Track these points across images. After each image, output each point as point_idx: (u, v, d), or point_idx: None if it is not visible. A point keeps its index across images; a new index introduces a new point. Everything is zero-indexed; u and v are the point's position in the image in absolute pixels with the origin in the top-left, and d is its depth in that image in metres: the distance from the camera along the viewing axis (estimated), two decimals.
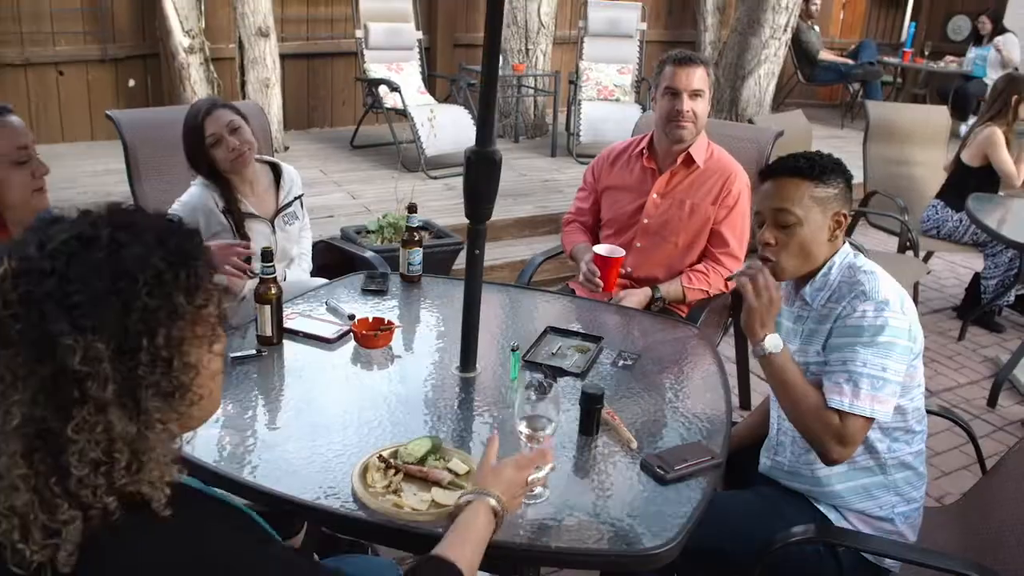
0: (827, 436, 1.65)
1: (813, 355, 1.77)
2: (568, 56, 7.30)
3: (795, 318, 1.88)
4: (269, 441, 1.65)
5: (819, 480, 1.81)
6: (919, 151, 4.87)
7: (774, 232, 1.77)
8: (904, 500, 1.82)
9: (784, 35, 6.87)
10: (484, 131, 1.78)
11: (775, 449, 1.90)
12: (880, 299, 1.67)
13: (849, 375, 1.64)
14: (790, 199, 1.75)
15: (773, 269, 1.76)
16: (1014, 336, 4.38)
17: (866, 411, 1.63)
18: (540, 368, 1.98)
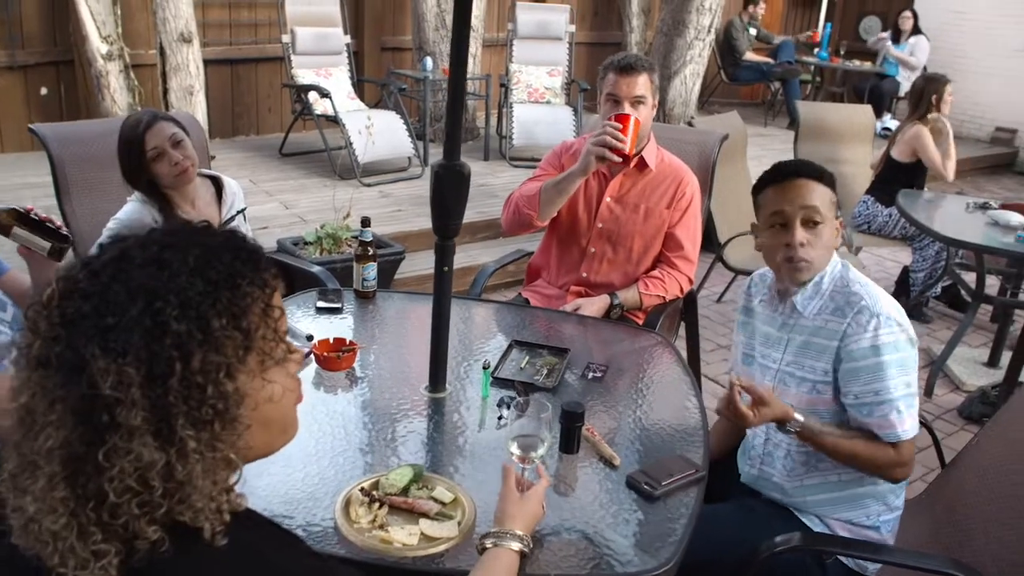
0: (890, 468, 1.72)
1: (820, 373, 1.77)
2: (498, 59, 7.28)
3: (780, 325, 1.87)
4: None
5: (809, 490, 1.82)
6: (847, 149, 5.01)
7: (804, 233, 1.75)
8: (889, 509, 1.85)
9: (708, 36, 6.98)
10: (451, 144, 1.74)
11: (761, 459, 1.90)
12: (885, 314, 1.70)
13: (890, 405, 1.68)
14: (818, 198, 1.76)
15: (806, 268, 1.76)
16: (942, 327, 4.53)
17: (912, 432, 1.72)
18: (511, 385, 1.94)
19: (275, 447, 0.95)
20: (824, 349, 1.76)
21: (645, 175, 2.65)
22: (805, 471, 1.82)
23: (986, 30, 8.81)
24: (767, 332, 1.90)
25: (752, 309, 1.97)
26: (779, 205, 1.77)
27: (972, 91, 8.60)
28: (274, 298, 0.90)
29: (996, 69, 8.73)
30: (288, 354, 0.92)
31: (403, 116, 5.84)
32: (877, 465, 1.73)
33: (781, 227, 1.77)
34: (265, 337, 0.89)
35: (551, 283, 2.77)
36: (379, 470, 1.57)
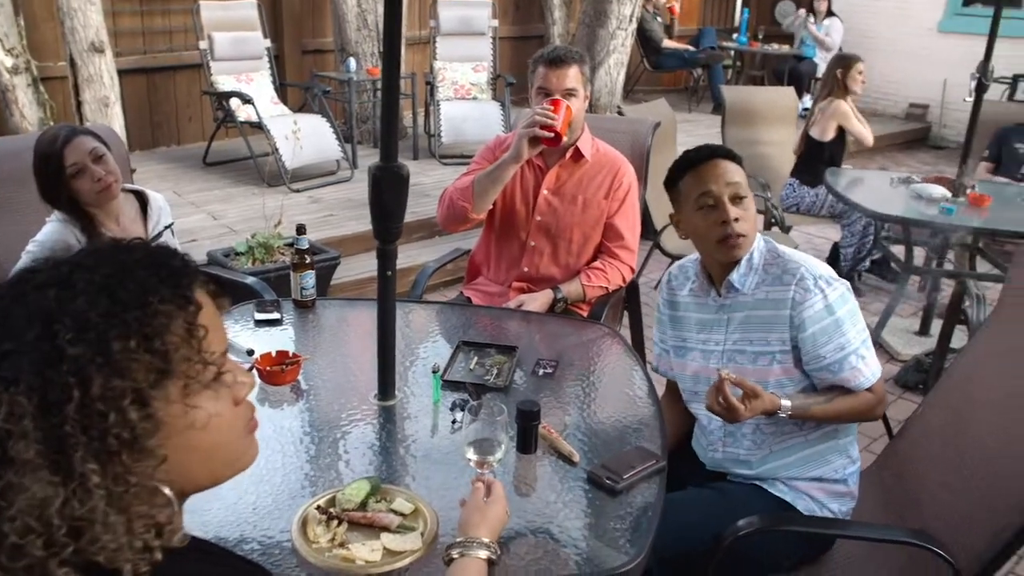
0: (871, 410, 1.83)
1: (778, 343, 1.79)
2: (422, 56, 7.21)
3: (716, 308, 1.89)
4: (187, 504, 1.50)
5: (778, 456, 1.85)
6: (772, 131, 5.10)
7: (735, 210, 1.79)
8: (852, 460, 1.91)
9: (630, 25, 7.02)
10: (388, 146, 1.70)
11: (723, 441, 1.90)
12: (824, 275, 1.78)
13: (855, 355, 1.76)
14: (738, 176, 1.83)
15: (743, 243, 1.80)
16: (874, 299, 4.64)
17: (878, 371, 1.82)
18: (463, 387, 1.91)
19: (223, 476, 0.88)
20: (774, 320, 1.79)
21: (581, 166, 2.63)
22: (774, 440, 1.85)
23: (897, 10, 9.07)
24: (702, 319, 1.92)
25: (677, 302, 1.99)
26: (706, 186, 1.80)
27: (886, 70, 8.85)
28: (199, 317, 0.81)
29: (908, 48, 9.00)
30: (220, 375, 0.83)
31: (329, 119, 5.75)
32: (862, 413, 1.83)
33: (711, 208, 1.80)
34: (189, 359, 0.80)
35: (492, 280, 2.74)
36: (334, 485, 1.52)
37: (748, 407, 1.67)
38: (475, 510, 1.31)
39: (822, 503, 1.85)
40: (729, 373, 1.68)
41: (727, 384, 1.66)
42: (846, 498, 1.88)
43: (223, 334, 0.86)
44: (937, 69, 8.62)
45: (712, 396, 1.68)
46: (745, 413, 1.66)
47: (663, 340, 2.03)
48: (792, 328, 1.77)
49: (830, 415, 1.79)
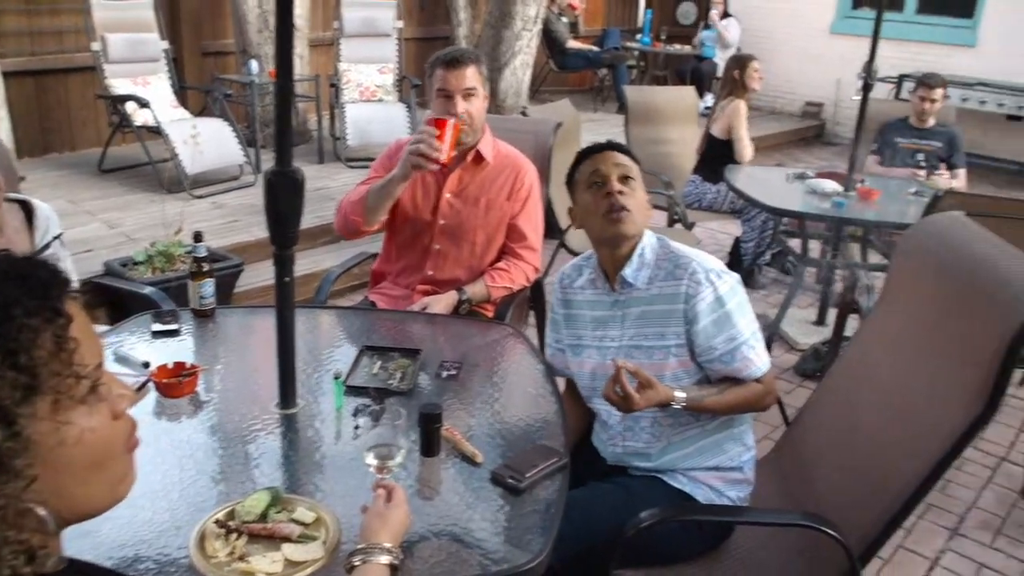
0: (762, 400, 1.89)
1: (673, 337, 1.85)
2: (326, 58, 7.11)
3: (611, 304, 1.94)
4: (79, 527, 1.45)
5: (677, 447, 1.90)
6: (674, 130, 5.22)
7: (621, 185, 1.88)
8: (747, 448, 1.97)
9: (535, 26, 7.09)
10: (283, 150, 1.68)
11: (623, 435, 1.94)
12: (715, 269, 1.85)
13: (746, 345, 1.83)
14: (630, 164, 1.92)
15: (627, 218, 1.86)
16: (774, 292, 4.80)
17: (767, 361, 1.89)
18: (365, 392, 1.90)
19: (103, 499, 0.83)
20: (669, 314, 1.84)
21: (483, 168, 2.65)
22: (672, 431, 1.90)
23: (791, 13, 9.40)
24: (597, 315, 1.97)
25: (571, 301, 2.04)
26: (595, 167, 1.91)
27: (782, 70, 9.15)
28: (70, 329, 0.78)
29: (802, 49, 9.34)
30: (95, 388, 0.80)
31: (231, 123, 5.62)
32: (752, 403, 1.89)
33: (599, 185, 1.89)
34: (59, 374, 0.77)
35: (397, 284, 2.73)
36: (233, 497, 1.49)
37: (643, 397, 1.72)
38: (376, 516, 1.30)
39: (720, 491, 1.91)
40: (626, 362, 1.73)
41: (624, 374, 1.70)
42: (743, 485, 1.95)
43: (98, 346, 0.83)
44: (830, 69, 8.97)
45: (609, 386, 1.73)
46: (640, 402, 1.71)
47: (558, 340, 2.07)
48: (686, 322, 1.83)
49: (723, 406, 1.85)
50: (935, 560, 2.78)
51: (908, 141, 4.83)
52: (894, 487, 1.75)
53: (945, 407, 1.72)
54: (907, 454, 1.77)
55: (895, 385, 1.95)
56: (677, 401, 1.78)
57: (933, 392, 1.80)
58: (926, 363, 1.87)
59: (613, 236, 1.88)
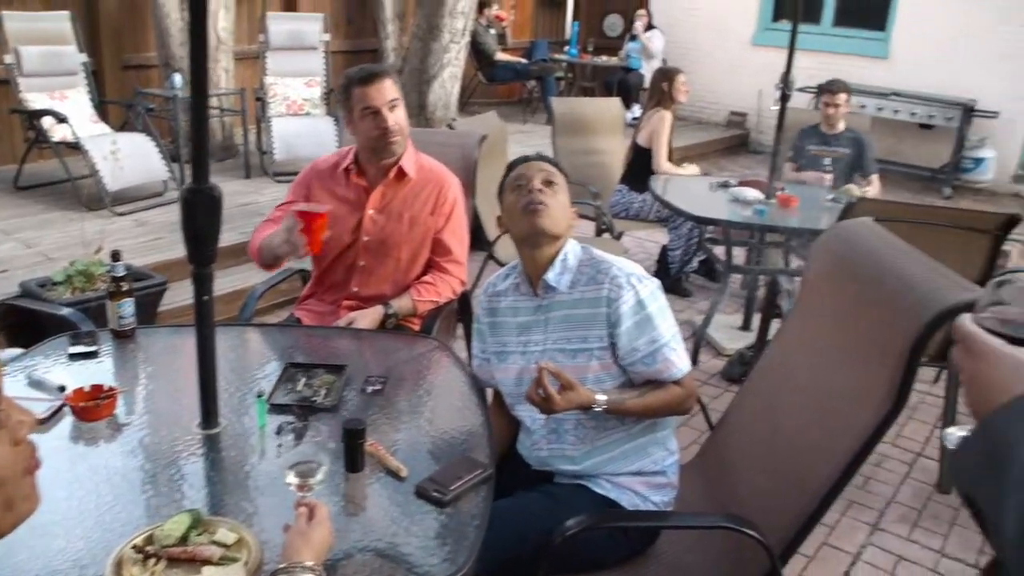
0: (682, 403, 1.94)
1: (596, 340, 1.89)
2: (252, 72, 7.02)
3: (534, 309, 1.99)
4: None
5: (601, 451, 1.93)
6: (601, 140, 5.29)
7: (540, 185, 1.95)
8: (670, 452, 2.01)
9: (463, 39, 7.11)
10: (199, 166, 1.66)
11: (547, 439, 1.97)
12: (636, 274, 1.91)
13: (667, 347, 1.87)
14: (553, 172, 2.00)
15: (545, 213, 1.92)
16: (701, 298, 4.90)
17: (688, 364, 1.94)
18: (289, 409, 1.88)
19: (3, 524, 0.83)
20: (593, 317, 1.89)
21: (406, 183, 2.65)
22: (596, 434, 1.93)
23: (715, 25, 9.63)
24: (521, 321, 2.01)
25: (497, 309, 2.08)
26: (520, 172, 1.99)
27: (707, 80, 9.36)
28: None
29: (726, 60, 9.58)
30: None
31: (154, 138, 5.51)
32: (672, 406, 1.93)
33: (521, 187, 1.97)
34: None
35: (323, 300, 2.71)
36: (154, 522, 1.47)
37: (564, 398, 1.76)
38: (298, 535, 1.30)
39: (645, 496, 1.95)
40: (549, 364, 1.78)
41: (546, 375, 1.74)
42: (667, 489, 1.99)
43: None
44: (753, 79, 9.20)
45: (532, 387, 1.77)
46: (561, 403, 1.76)
47: (484, 350, 2.10)
48: (608, 325, 1.87)
49: (644, 408, 1.89)
50: (857, 555, 2.87)
51: (818, 147, 5.00)
52: (811, 487, 1.80)
53: (857, 406, 1.78)
54: (823, 453, 1.83)
55: (811, 386, 2.01)
56: (598, 403, 1.82)
57: (846, 392, 1.86)
58: (839, 364, 1.93)
59: (531, 228, 1.93)
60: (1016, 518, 0.79)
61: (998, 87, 7.97)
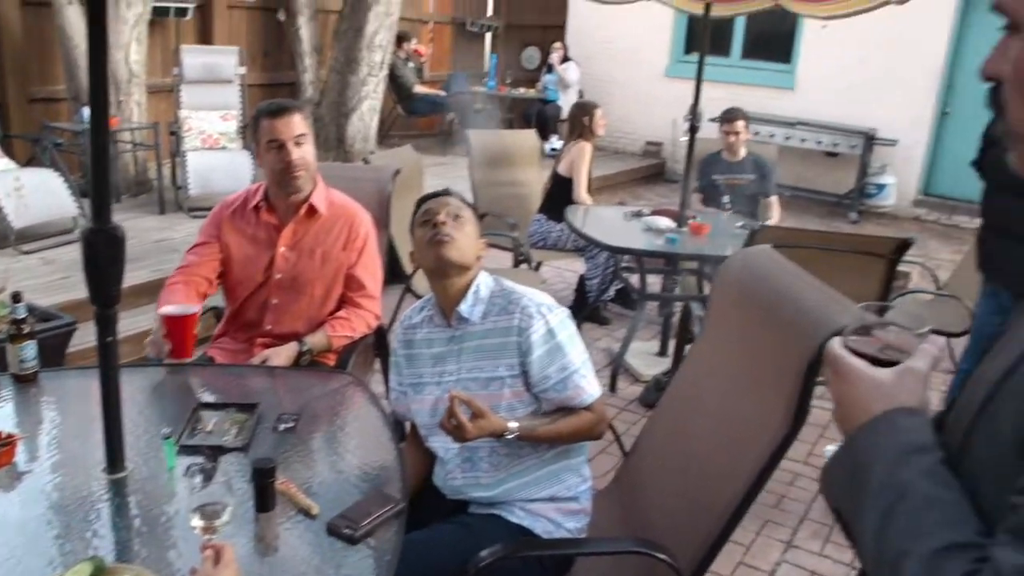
0: (593, 429, 1.99)
1: (507, 369, 1.93)
2: (166, 105, 6.92)
3: (448, 340, 2.03)
4: None
5: (515, 477, 1.96)
6: (517, 172, 5.37)
7: (447, 218, 1.98)
8: (583, 479, 2.06)
9: (381, 71, 7.15)
10: (100, 205, 1.65)
11: (462, 468, 1.99)
12: (545, 303, 1.96)
13: (577, 374, 1.92)
14: (460, 206, 2.03)
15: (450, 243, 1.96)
16: (619, 326, 4.99)
17: (598, 390, 1.99)
18: (199, 450, 1.86)
19: None
20: (504, 346, 1.93)
21: (316, 220, 2.66)
22: (510, 461, 1.96)
23: (630, 57, 9.88)
24: (436, 352, 2.04)
25: (413, 341, 2.11)
26: (428, 207, 2.03)
27: (623, 111, 9.60)
28: None
29: (641, 91, 9.83)
30: None
31: (62, 173, 5.37)
32: (584, 431, 1.98)
33: (427, 222, 2.01)
34: None
35: (236, 339, 2.69)
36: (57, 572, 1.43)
37: (476, 426, 1.79)
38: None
39: (558, 523, 1.98)
40: (460, 392, 1.81)
41: (457, 404, 1.78)
42: (580, 515, 2.02)
43: None
44: (667, 110, 9.46)
45: (445, 416, 1.79)
46: (472, 431, 1.79)
47: (400, 382, 2.12)
48: (520, 353, 1.91)
49: (556, 434, 1.93)
50: (771, 572, 2.95)
51: (724, 177, 5.17)
52: (720, 508, 1.85)
53: (760, 427, 1.84)
54: (730, 475, 1.88)
55: (717, 409, 2.07)
56: (510, 431, 1.85)
57: (750, 414, 1.93)
58: (743, 387, 2.00)
59: (437, 260, 1.97)
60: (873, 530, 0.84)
61: (895, 116, 8.37)
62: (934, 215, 8.57)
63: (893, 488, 0.85)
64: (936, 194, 8.63)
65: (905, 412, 0.91)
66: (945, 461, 0.85)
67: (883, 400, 0.92)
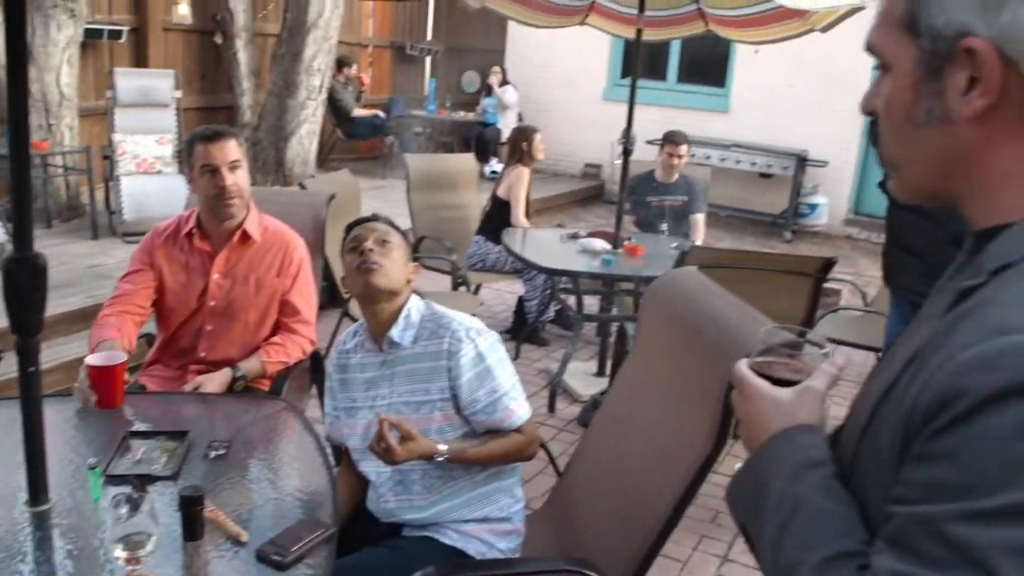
0: (524, 450, 2.03)
1: (438, 392, 1.96)
2: (99, 129, 6.80)
3: (380, 364, 2.05)
4: None
5: (448, 498, 1.98)
6: (455, 195, 5.41)
7: (375, 245, 2.00)
8: (516, 500, 2.09)
9: (320, 95, 7.16)
10: (22, 234, 1.62)
11: (394, 491, 2.00)
12: (475, 328, 1.99)
13: (506, 396, 1.95)
14: (388, 231, 2.05)
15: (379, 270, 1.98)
16: (558, 347, 5.03)
17: (527, 412, 2.02)
18: (126, 480, 1.83)
19: None
20: (435, 370, 1.96)
21: (250, 247, 2.66)
22: (442, 484, 1.98)
23: (568, 81, 10.02)
24: (368, 376, 2.06)
25: (347, 365, 2.12)
26: (356, 234, 2.05)
27: (562, 134, 9.72)
28: None
29: (579, 114, 9.97)
30: None
31: None
32: (515, 453, 2.00)
33: (355, 248, 2.03)
34: None
35: (169, 366, 2.66)
36: None
37: (404, 449, 1.82)
38: None
39: (491, 543, 2.00)
40: (389, 415, 1.83)
41: (386, 426, 1.80)
42: (513, 536, 2.05)
43: None
44: (605, 133, 9.58)
45: (374, 439, 1.81)
46: (402, 454, 1.81)
47: (335, 407, 2.13)
48: (449, 377, 1.94)
49: (486, 456, 1.96)
50: None
51: (657, 198, 5.28)
52: (649, 524, 1.90)
53: (687, 446, 1.89)
54: (659, 492, 1.92)
55: (647, 428, 2.11)
56: (440, 453, 1.88)
57: (678, 433, 1.97)
58: (670, 407, 2.04)
59: (365, 287, 1.99)
60: (771, 543, 0.89)
61: (825, 138, 8.64)
62: (864, 234, 8.82)
63: (789, 502, 0.89)
64: (865, 213, 8.90)
65: (803, 429, 0.95)
66: (838, 475, 0.90)
67: (782, 418, 0.97)
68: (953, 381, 0.72)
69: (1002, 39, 0.76)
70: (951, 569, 0.69)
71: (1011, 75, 0.77)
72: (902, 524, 0.75)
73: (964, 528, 0.69)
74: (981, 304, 0.77)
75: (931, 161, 0.86)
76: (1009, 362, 0.69)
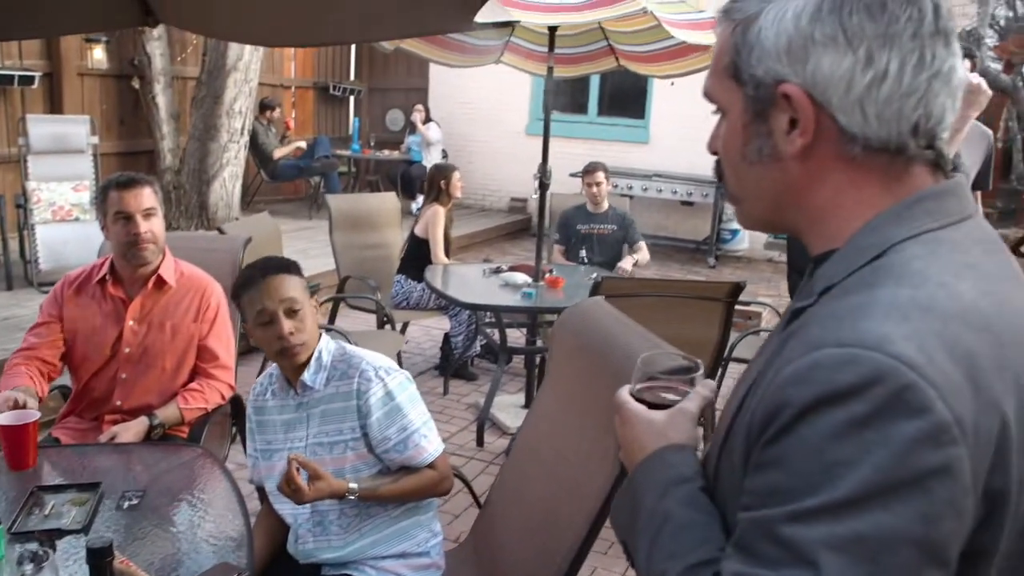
0: (437, 485, 2.06)
1: (349, 432, 1.99)
2: (13, 176, 6.65)
3: (296, 407, 2.07)
4: None
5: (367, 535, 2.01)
6: (379, 234, 5.44)
7: (290, 323, 1.97)
8: (434, 534, 2.12)
9: (242, 138, 7.14)
10: None
11: (312, 532, 2.02)
12: (384, 366, 2.02)
13: (417, 434, 1.98)
14: (292, 290, 2.00)
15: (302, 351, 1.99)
16: (486, 381, 5.06)
17: (439, 447, 2.05)
18: (32, 536, 1.81)
19: None
20: (346, 411, 1.99)
21: (165, 292, 2.66)
22: (360, 521, 2.01)
23: (490, 117, 10.17)
24: (285, 420, 2.08)
25: (263, 408, 2.14)
26: (261, 304, 1.98)
27: (487, 169, 9.86)
28: None
29: (503, 149, 10.11)
30: None
31: None
32: (428, 489, 2.03)
33: (268, 324, 1.98)
34: None
35: (83, 417, 2.63)
36: None
37: (313, 488, 1.83)
38: None
39: None
40: (298, 455, 1.85)
41: (294, 466, 1.82)
42: (432, 569, 2.08)
43: None
44: (529, 167, 9.61)
45: (282, 480, 1.83)
46: (310, 494, 1.83)
47: (255, 449, 2.14)
48: (360, 416, 1.98)
49: (399, 493, 2.00)
50: None
51: (587, 227, 5.41)
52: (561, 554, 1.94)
53: (595, 473, 1.94)
54: (570, 521, 1.98)
55: (558, 456, 2.16)
56: (351, 491, 1.90)
57: (587, 460, 2.02)
58: (580, 433, 2.10)
59: (290, 367, 2.03)
60: (644, 556, 0.95)
61: None
62: (785, 257, 9.09)
63: (659, 517, 0.95)
64: (784, 237, 9.17)
65: (675, 448, 1.02)
66: (705, 489, 0.97)
67: (656, 439, 1.03)
68: (778, 394, 0.80)
69: (809, 85, 0.85)
70: (785, 567, 0.76)
71: (823, 116, 0.86)
72: (745, 528, 0.82)
73: (791, 528, 0.76)
74: (806, 323, 0.85)
75: (766, 195, 0.94)
76: (819, 375, 0.77)
